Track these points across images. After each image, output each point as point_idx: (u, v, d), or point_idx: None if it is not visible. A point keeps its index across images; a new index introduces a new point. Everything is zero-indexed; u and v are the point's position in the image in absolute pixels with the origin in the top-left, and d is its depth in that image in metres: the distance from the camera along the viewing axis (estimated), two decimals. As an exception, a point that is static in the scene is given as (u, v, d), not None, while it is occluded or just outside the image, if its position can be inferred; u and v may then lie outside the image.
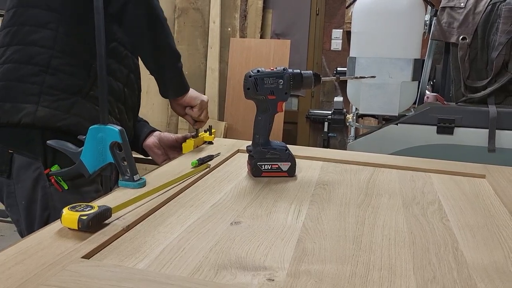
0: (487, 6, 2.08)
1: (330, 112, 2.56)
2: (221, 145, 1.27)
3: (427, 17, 2.29)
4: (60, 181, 1.03)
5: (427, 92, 2.40)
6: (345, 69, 2.28)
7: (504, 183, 1.02)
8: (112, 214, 0.69)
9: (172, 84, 1.17)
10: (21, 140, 1.03)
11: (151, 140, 1.29)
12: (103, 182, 1.16)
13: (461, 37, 2.12)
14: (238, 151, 1.23)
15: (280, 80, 0.97)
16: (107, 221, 0.69)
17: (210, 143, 1.28)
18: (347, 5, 2.86)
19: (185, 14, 3.54)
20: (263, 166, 0.99)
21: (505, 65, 2.07)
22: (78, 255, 0.58)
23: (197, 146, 1.24)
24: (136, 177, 0.87)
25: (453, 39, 2.16)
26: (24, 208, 1.05)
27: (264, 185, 0.94)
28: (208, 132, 1.28)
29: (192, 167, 1.01)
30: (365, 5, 2.14)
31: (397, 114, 2.13)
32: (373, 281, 0.56)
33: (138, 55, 1.19)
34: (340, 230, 0.72)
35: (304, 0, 3.71)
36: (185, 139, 1.22)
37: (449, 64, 2.25)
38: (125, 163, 0.86)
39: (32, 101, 1.01)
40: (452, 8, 2.17)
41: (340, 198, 0.88)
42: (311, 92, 3.81)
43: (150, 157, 1.32)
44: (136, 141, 1.30)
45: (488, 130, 1.98)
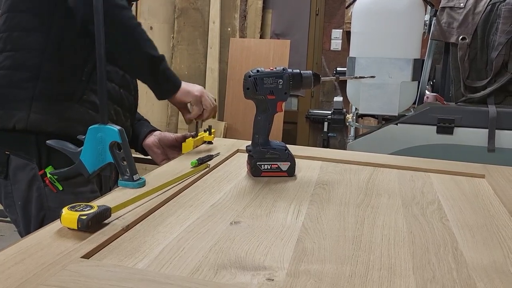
0: (487, 6, 2.08)
1: (330, 112, 2.56)
2: (221, 145, 1.27)
3: (427, 17, 2.28)
4: (55, 182, 1.03)
5: (427, 92, 2.40)
6: (345, 69, 2.28)
7: (504, 183, 1.02)
8: (112, 214, 0.69)
9: (158, 87, 1.12)
10: (16, 143, 1.04)
11: (151, 140, 1.29)
12: (103, 182, 1.16)
13: (461, 37, 2.12)
14: (238, 151, 1.23)
15: (280, 80, 0.97)
16: (107, 221, 0.69)
17: (210, 143, 1.28)
18: (347, 5, 2.86)
19: (185, 14, 3.54)
20: (263, 166, 0.99)
21: (505, 65, 2.07)
22: (78, 255, 0.58)
23: (197, 146, 1.24)
24: (136, 177, 0.87)
25: (453, 39, 2.16)
26: (21, 208, 1.05)
27: (264, 185, 0.94)
28: (208, 132, 1.28)
29: (192, 167, 1.01)
30: (365, 5, 2.14)
31: (397, 114, 2.13)
32: (373, 281, 0.56)
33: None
34: (340, 230, 0.72)
35: (304, 0, 3.71)
36: (185, 139, 1.21)
37: (449, 64, 2.25)
38: (125, 163, 0.86)
39: (24, 108, 1.02)
40: (452, 8, 2.17)
41: (340, 198, 0.88)
42: (311, 92, 3.81)
43: (149, 156, 1.32)
44: (135, 140, 1.30)
45: (488, 130, 1.98)
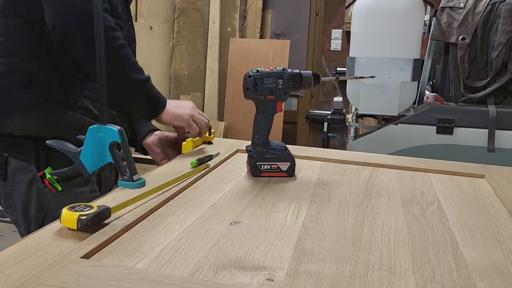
0: (487, 6, 2.08)
1: (330, 112, 2.55)
2: (221, 145, 1.27)
3: (427, 17, 2.28)
4: (54, 183, 1.03)
5: (427, 92, 2.40)
6: (345, 69, 2.28)
7: (504, 183, 1.02)
8: (112, 214, 0.69)
9: (140, 110, 1.12)
10: (14, 146, 1.04)
11: (151, 139, 1.28)
12: (103, 182, 1.16)
13: (461, 37, 2.12)
14: (238, 151, 1.23)
15: (280, 80, 0.97)
16: (107, 221, 0.68)
17: (210, 143, 1.28)
18: (347, 5, 2.86)
19: (185, 14, 3.54)
20: (263, 166, 0.99)
21: (505, 65, 2.07)
22: (78, 255, 0.58)
23: (197, 146, 1.24)
24: (136, 177, 0.87)
25: (453, 39, 2.16)
26: (21, 209, 1.05)
27: (264, 185, 0.94)
28: (208, 132, 1.28)
29: (192, 167, 1.01)
30: (365, 5, 2.13)
31: (397, 114, 2.13)
32: (373, 281, 0.56)
33: None
34: (340, 230, 0.72)
35: (304, 0, 3.71)
36: (185, 139, 1.21)
37: (449, 64, 2.25)
38: (124, 163, 0.85)
39: (19, 115, 1.01)
40: (452, 8, 2.17)
41: (340, 198, 0.88)
42: (311, 92, 3.81)
43: (149, 156, 1.32)
44: (134, 138, 1.30)
45: (488, 130, 1.98)
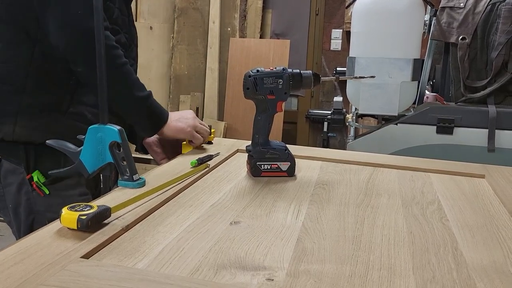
0: (487, 6, 2.08)
1: (330, 112, 2.55)
2: (221, 145, 1.27)
3: (427, 17, 2.28)
4: (41, 186, 1.03)
5: (427, 92, 2.40)
6: (345, 69, 2.28)
7: (504, 183, 1.02)
8: (112, 214, 0.69)
9: (142, 126, 1.12)
10: (5, 149, 1.05)
11: (152, 138, 1.28)
12: (103, 182, 1.16)
13: (461, 37, 2.12)
14: (238, 151, 1.23)
15: (280, 80, 0.97)
16: (106, 221, 0.68)
17: (210, 143, 1.28)
18: (347, 5, 2.86)
19: (185, 14, 3.54)
20: (263, 166, 0.99)
21: (505, 65, 2.07)
22: (78, 255, 0.58)
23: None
24: (136, 177, 0.87)
25: (453, 39, 2.16)
26: (12, 211, 1.06)
27: (264, 185, 0.94)
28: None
29: (192, 167, 1.01)
30: (365, 5, 2.13)
31: (397, 114, 2.13)
32: (373, 281, 0.56)
33: None
34: (340, 230, 0.72)
35: (304, 0, 3.71)
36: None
37: (449, 64, 2.25)
38: (125, 163, 0.85)
39: (10, 121, 1.01)
40: (452, 8, 2.16)
41: (340, 198, 0.88)
42: (311, 92, 3.81)
43: (149, 155, 1.32)
44: (134, 138, 1.30)
45: (488, 130, 1.98)
